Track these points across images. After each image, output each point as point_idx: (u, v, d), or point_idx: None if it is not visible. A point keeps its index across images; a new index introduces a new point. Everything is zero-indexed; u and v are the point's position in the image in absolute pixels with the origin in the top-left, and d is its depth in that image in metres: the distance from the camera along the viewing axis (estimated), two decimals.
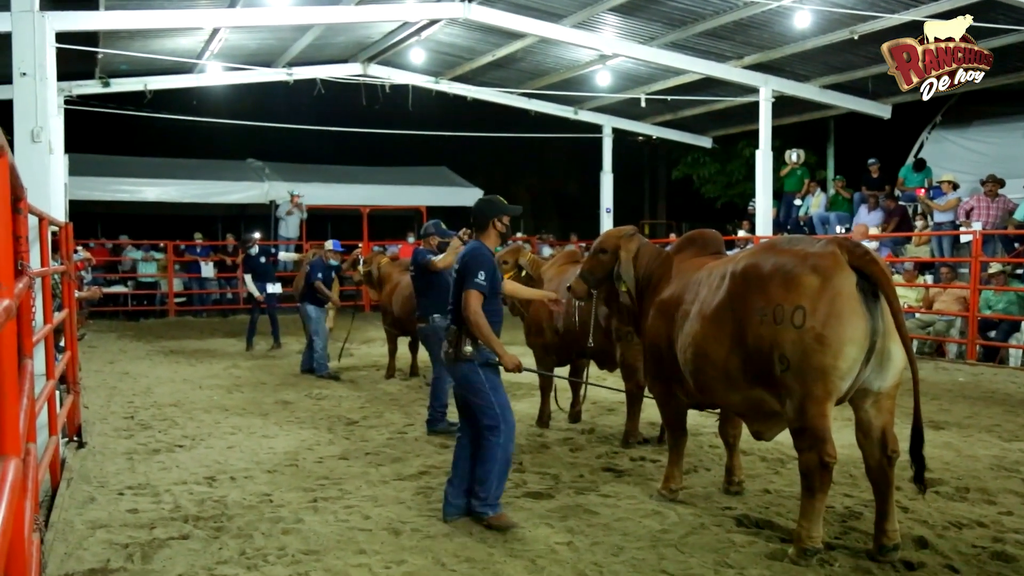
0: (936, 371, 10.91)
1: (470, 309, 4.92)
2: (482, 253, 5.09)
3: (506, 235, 5.36)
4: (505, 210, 5.26)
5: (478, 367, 5.00)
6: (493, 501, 4.96)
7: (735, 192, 22.82)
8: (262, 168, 21.42)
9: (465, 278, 5.01)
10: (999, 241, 12.79)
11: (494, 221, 5.22)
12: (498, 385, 5.06)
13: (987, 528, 4.90)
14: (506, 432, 4.98)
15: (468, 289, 4.96)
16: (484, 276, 4.96)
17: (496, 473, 4.96)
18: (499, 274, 5.20)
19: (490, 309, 5.03)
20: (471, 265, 5.01)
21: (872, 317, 4.23)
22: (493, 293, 5.08)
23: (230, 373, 11.07)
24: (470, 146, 23.36)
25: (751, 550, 4.55)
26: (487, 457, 4.98)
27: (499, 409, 4.98)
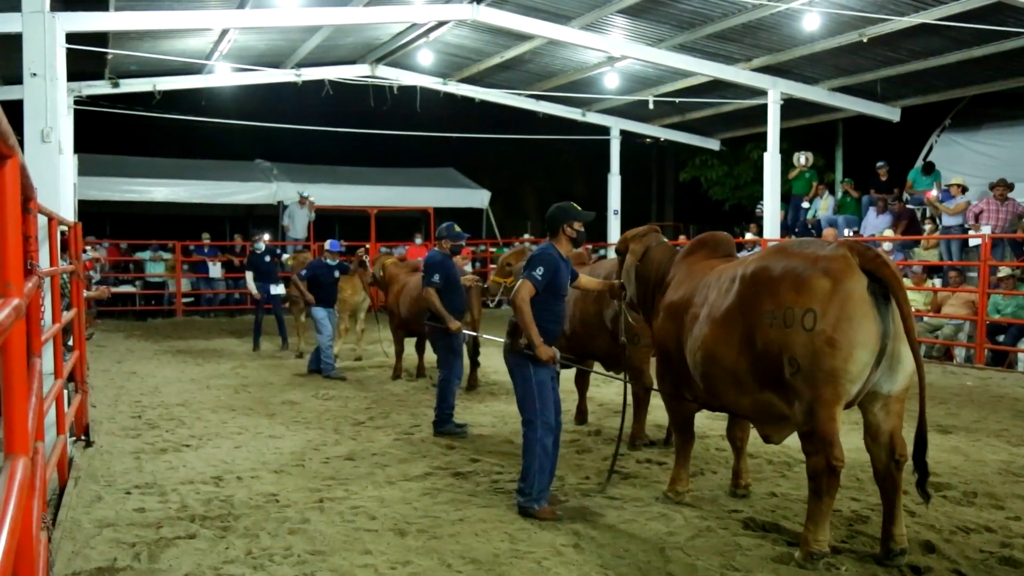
0: (944, 375, 10.87)
1: (519, 296, 5.10)
2: (549, 254, 5.25)
3: (579, 240, 5.49)
4: (576, 216, 5.41)
5: (530, 362, 5.15)
6: (537, 495, 5.08)
7: (743, 194, 22.80)
8: (270, 169, 21.47)
9: (526, 269, 5.21)
10: (1008, 245, 12.74)
11: (564, 227, 5.38)
12: (546, 382, 5.19)
13: (995, 533, 4.88)
14: (543, 428, 5.14)
15: (523, 279, 5.15)
16: (543, 272, 5.13)
17: (536, 467, 5.10)
18: (565, 277, 5.33)
19: (551, 310, 5.24)
20: (535, 260, 5.21)
21: (882, 320, 4.21)
22: (555, 294, 5.27)
23: (237, 373, 11.09)
24: (477, 148, 23.39)
25: (757, 553, 4.53)
26: (526, 451, 5.18)
27: (539, 404, 5.14)
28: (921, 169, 15.73)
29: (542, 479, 5.11)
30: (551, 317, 5.26)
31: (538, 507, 5.06)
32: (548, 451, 5.16)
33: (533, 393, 5.17)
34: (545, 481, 5.15)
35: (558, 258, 5.29)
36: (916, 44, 13.61)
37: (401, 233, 21.97)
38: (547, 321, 5.19)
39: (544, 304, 5.17)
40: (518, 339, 5.18)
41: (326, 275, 10.97)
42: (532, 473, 5.10)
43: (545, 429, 5.15)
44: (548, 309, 5.21)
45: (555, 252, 5.31)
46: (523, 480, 5.15)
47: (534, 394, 5.16)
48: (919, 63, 14.20)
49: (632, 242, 5.98)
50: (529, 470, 5.12)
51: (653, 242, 5.92)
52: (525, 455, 5.18)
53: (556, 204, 5.56)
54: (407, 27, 14.89)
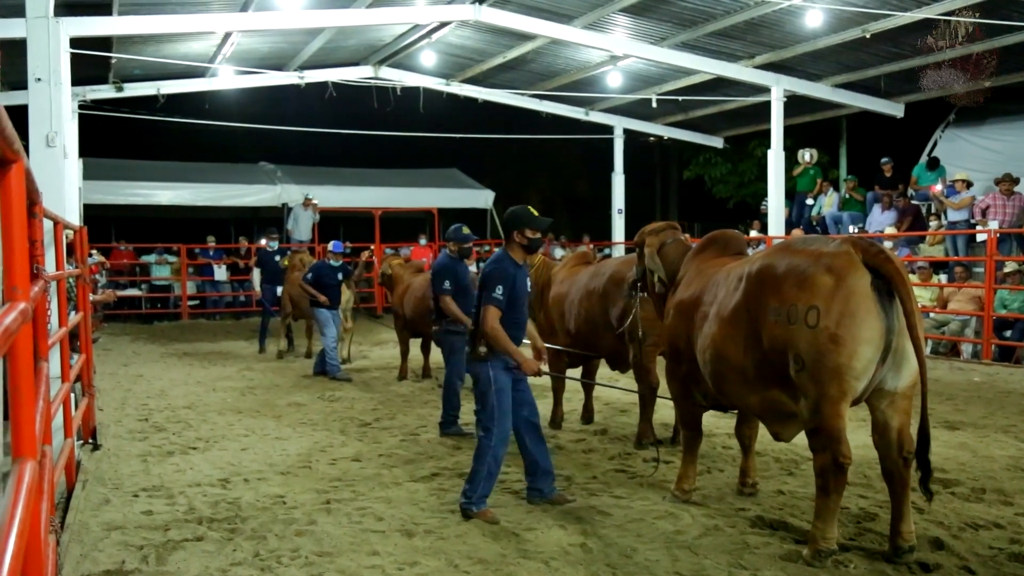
0: (951, 371, 10.84)
1: (487, 324, 5.07)
2: (503, 269, 5.19)
3: (533, 248, 5.36)
4: (529, 222, 5.28)
5: (490, 368, 5.15)
6: (478, 499, 5.10)
7: (747, 192, 22.77)
8: (274, 171, 21.49)
9: (484, 291, 5.16)
10: (1015, 240, 12.70)
11: (515, 233, 5.29)
12: (505, 389, 5.18)
13: (1004, 529, 4.86)
14: (498, 436, 5.15)
15: (486, 304, 5.12)
16: (502, 291, 5.08)
17: (484, 473, 5.11)
18: (522, 285, 5.28)
19: (513, 320, 5.19)
20: (491, 279, 5.15)
21: (887, 316, 4.20)
22: (515, 304, 5.21)
23: (243, 375, 11.10)
24: (481, 148, 23.40)
25: (765, 551, 4.53)
26: (477, 455, 5.18)
27: (498, 414, 5.14)
28: (926, 165, 15.69)
29: (487, 485, 5.14)
30: (514, 325, 5.22)
31: (477, 510, 5.08)
32: (499, 460, 5.18)
33: (493, 402, 5.15)
34: (489, 487, 5.17)
35: (512, 269, 5.22)
36: (919, 39, 13.56)
37: (405, 234, 21.98)
38: (510, 328, 5.14)
39: (505, 316, 5.14)
40: (478, 347, 5.18)
41: (329, 276, 10.97)
42: (479, 479, 5.11)
43: (500, 439, 5.16)
44: (509, 318, 5.16)
45: (508, 263, 5.24)
46: (469, 482, 5.16)
47: (494, 403, 5.15)
48: (922, 58, 14.15)
49: (649, 236, 6.03)
50: (477, 475, 5.12)
51: (669, 239, 5.95)
52: (476, 459, 5.18)
53: (511, 208, 5.42)
54: (409, 28, 14.90)
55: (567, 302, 7.47)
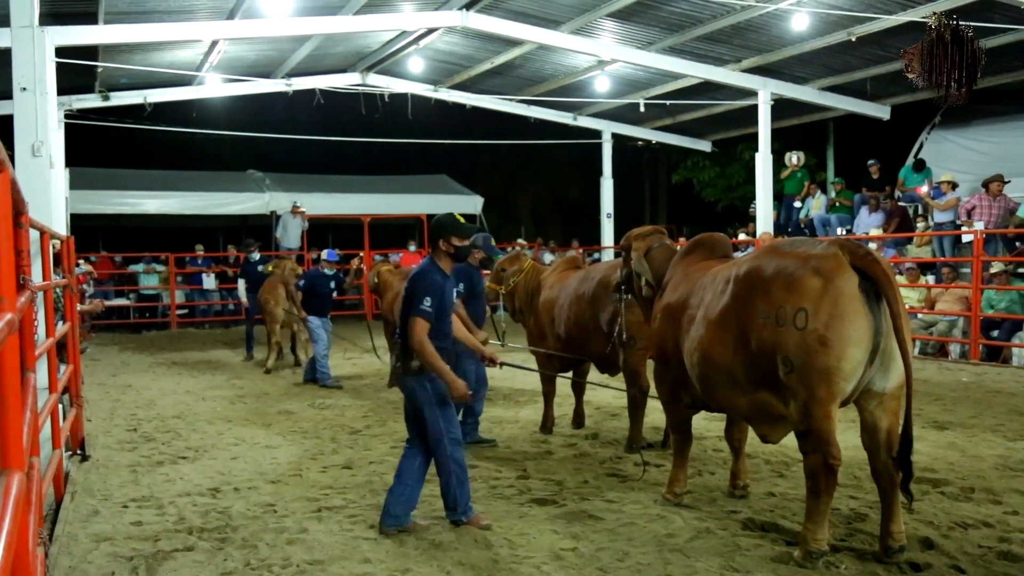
0: (940, 371, 10.89)
1: (414, 338, 4.83)
2: (430, 279, 4.96)
3: (460, 256, 5.16)
4: (455, 231, 5.05)
5: (425, 381, 4.96)
6: (463, 508, 5.01)
7: (735, 195, 22.84)
8: (262, 179, 21.45)
9: (411, 303, 4.91)
10: (1000, 240, 12.78)
11: (440, 242, 5.06)
12: (444, 398, 5.00)
13: (993, 528, 4.88)
14: (451, 443, 5.00)
15: (412, 316, 4.86)
16: (430, 302, 4.85)
17: (455, 483, 4.99)
18: (449, 295, 5.07)
19: (441, 331, 4.99)
20: (417, 289, 4.91)
21: (875, 318, 4.22)
22: (442, 315, 4.99)
23: (232, 384, 11.07)
24: (470, 154, 23.40)
25: (757, 553, 4.53)
26: (440, 470, 5.03)
27: (442, 423, 4.99)
28: (912, 166, 15.78)
29: (463, 492, 5.02)
30: (439, 336, 4.99)
31: (466, 518, 4.99)
32: (462, 464, 5.04)
33: (435, 412, 4.98)
34: (466, 493, 5.05)
35: (439, 278, 5.00)
36: (904, 42, 13.56)
37: (395, 240, 21.97)
38: (436, 339, 4.93)
39: (437, 327, 4.94)
40: (409, 361, 4.95)
41: (322, 285, 10.98)
42: (452, 489, 4.99)
43: (453, 444, 5.01)
44: (435, 329, 4.93)
45: (435, 272, 5.03)
46: (444, 498, 5.04)
47: (436, 412, 4.98)
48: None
49: (635, 240, 6.04)
50: (448, 487, 5.00)
51: (656, 243, 5.96)
52: (440, 474, 5.03)
53: (437, 216, 5.21)
54: (397, 35, 14.91)
55: (557, 307, 7.48)
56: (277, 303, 12.08)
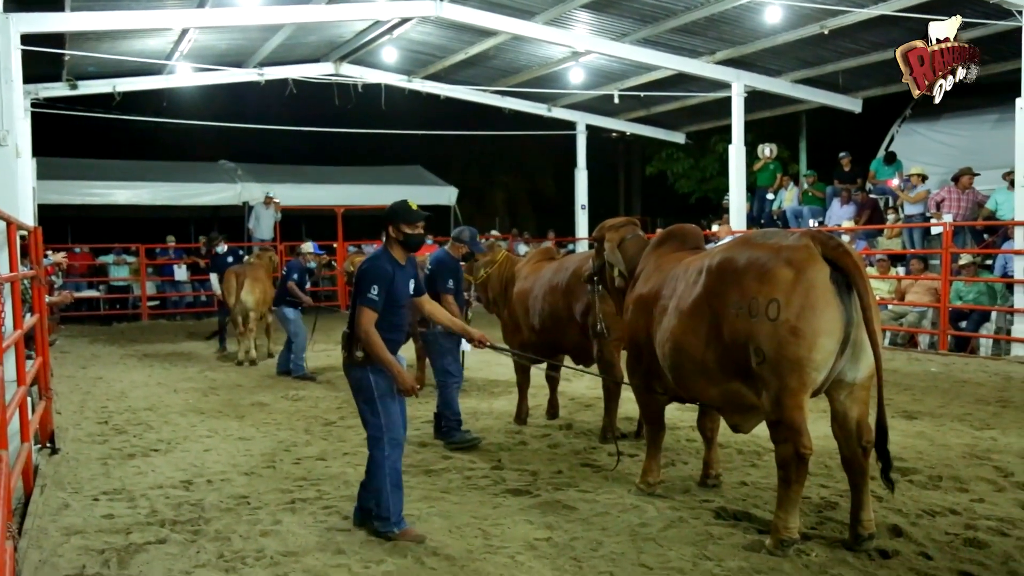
0: (909, 362, 11.03)
1: (361, 328, 4.67)
2: (379, 267, 4.78)
3: (411, 245, 4.92)
4: (405, 217, 4.85)
5: (370, 373, 4.77)
6: (396, 518, 4.74)
7: (709, 187, 22.96)
8: (234, 169, 21.23)
9: (358, 291, 4.75)
10: (969, 232, 12.95)
11: (390, 228, 4.87)
12: (389, 395, 4.80)
13: (960, 515, 4.96)
14: (391, 445, 4.78)
15: (360, 305, 4.70)
16: (377, 290, 4.69)
17: (389, 488, 4.73)
18: (401, 285, 4.88)
19: (391, 323, 4.81)
20: (365, 278, 4.74)
21: (846, 309, 4.27)
22: (394, 306, 4.81)
23: (205, 376, 10.98)
24: (444, 145, 23.34)
25: (729, 542, 4.58)
26: (375, 473, 4.78)
27: (384, 420, 4.77)
28: (883, 159, 15.93)
29: (397, 500, 4.75)
30: (390, 327, 4.80)
31: (399, 530, 4.70)
32: (398, 469, 4.81)
33: (378, 409, 4.76)
34: (400, 500, 4.78)
35: (390, 267, 4.79)
36: (876, 35, 13.79)
37: (369, 232, 21.85)
38: (386, 331, 4.75)
39: (383, 319, 4.74)
40: (355, 352, 4.76)
41: (303, 277, 11.00)
42: (386, 495, 4.71)
43: (393, 446, 4.78)
44: (385, 320, 4.74)
45: (386, 260, 4.82)
46: (377, 504, 4.74)
47: (379, 410, 4.76)
48: (879, 54, 14.37)
49: (609, 231, 6.05)
50: (382, 492, 4.72)
51: (628, 234, 5.98)
52: (374, 478, 4.77)
53: (391, 204, 4.98)
54: (370, 24, 14.82)
55: (531, 298, 7.48)
56: (251, 293, 11.91)
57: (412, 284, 5.00)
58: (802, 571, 4.17)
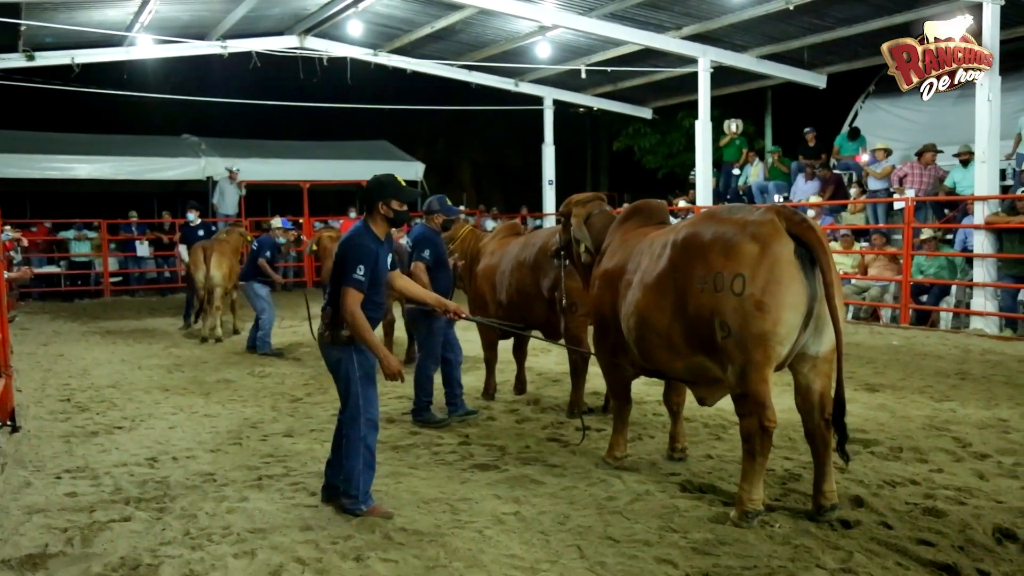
0: (871, 335, 11.20)
1: (347, 309, 4.55)
2: (363, 245, 4.65)
3: (398, 221, 4.83)
4: (395, 193, 4.74)
5: (353, 353, 4.69)
6: (364, 495, 4.73)
7: (676, 162, 23.03)
8: (198, 144, 20.92)
9: (343, 271, 4.61)
10: (930, 207, 13.13)
11: (380, 205, 4.73)
12: (370, 374, 4.76)
13: (919, 485, 5.07)
14: (367, 425, 4.75)
15: (345, 286, 4.57)
16: (364, 271, 4.57)
17: (360, 467, 4.72)
18: (383, 263, 4.78)
19: (372, 300, 4.71)
20: (350, 257, 4.61)
21: (810, 283, 4.31)
22: (375, 284, 4.72)
23: (170, 352, 10.87)
24: (411, 119, 23.16)
25: (695, 514, 4.64)
26: (349, 452, 4.74)
27: (362, 402, 4.72)
28: (847, 135, 16.07)
29: (367, 478, 4.74)
30: (370, 305, 4.70)
31: (367, 507, 4.69)
32: (372, 449, 4.78)
33: (357, 389, 4.70)
34: (370, 480, 4.77)
35: (374, 245, 4.68)
36: (841, 11, 13.86)
37: (335, 207, 21.69)
38: (366, 309, 4.65)
39: (370, 297, 4.67)
40: (339, 331, 4.67)
41: (276, 253, 10.90)
42: (357, 474, 4.69)
43: (369, 426, 4.75)
44: (368, 300, 4.66)
45: (368, 239, 4.69)
46: (347, 481, 4.72)
47: (358, 390, 4.71)
48: (844, 30, 14.46)
49: (575, 207, 6.05)
50: (353, 471, 4.70)
51: (595, 209, 5.98)
52: (348, 456, 4.73)
53: (376, 176, 4.87)
54: None
55: (498, 274, 7.47)
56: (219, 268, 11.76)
57: (389, 260, 4.94)
58: (766, 542, 4.23)
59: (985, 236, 11.37)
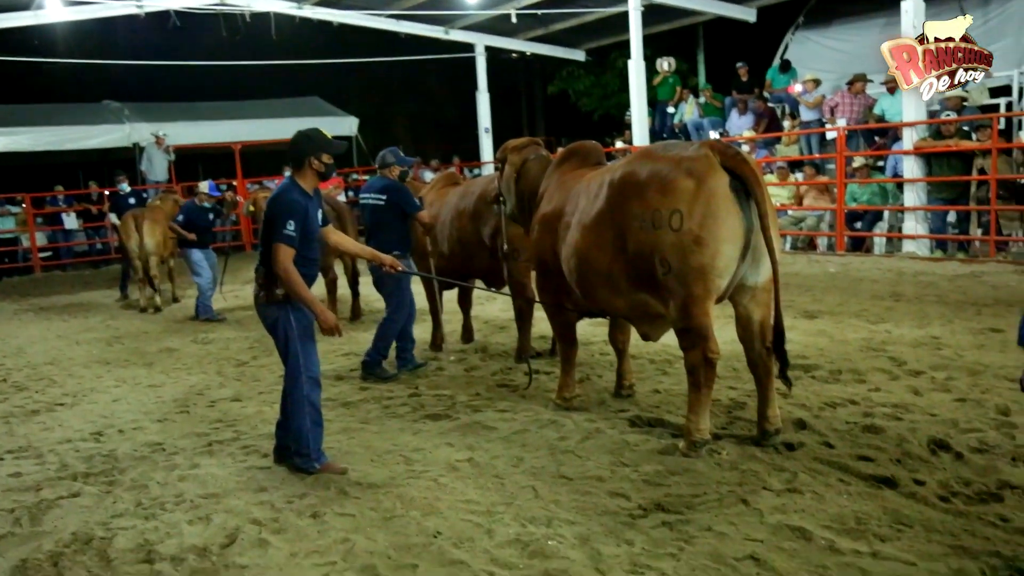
0: (809, 264, 11.44)
1: (279, 266, 4.47)
2: (293, 200, 4.57)
3: (328, 175, 4.76)
4: (325, 147, 4.68)
5: (290, 311, 4.64)
6: (316, 455, 4.71)
7: (611, 104, 22.98)
8: (120, 109, 20.20)
9: (273, 228, 4.52)
10: (861, 136, 13.35)
11: (311, 159, 4.64)
12: (308, 330, 4.71)
13: (858, 405, 5.23)
14: (309, 383, 4.71)
15: (276, 242, 4.49)
16: (294, 226, 4.49)
17: (308, 425, 4.69)
18: (314, 217, 4.70)
19: (306, 257, 4.64)
20: (280, 212, 4.52)
21: (746, 216, 4.37)
22: (308, 239, 4.64)
23: (107, 325, 10.63)
24: (342, 74, 22.71)
25: (644, 448, 4.73)
26: (295, 411, 4.71)
27: (302, 359, 4.67)
28: (778, 68, 16.18)
29: (316, 436, 4.72)
30: (305, 262, 4.63)
31: (320, 465, 4.69)
32: (317, 406, 4.75)
33: (296, 347, 4.65)
34: (320, 437, 4.75)
35: (304, 200, 4.61)
36: None
37: (269, 167, 21.24)
38: (301, 266, 4.57)
39: (303, 253, 4.59)
40: (274, 290, 4.61)
41: (201, 218, 10.63)
42: (305, 432, 4.67)
43: (311, 384, 4.71)
44: (300, 255, 4.56)
45: (297, 193, 4.61)
46: (297, 441, 4.70)
47: (297, 348, 4.65)
48: None
49: (511, 153, 6.03)
50: (301, 430, 4.67)
51: (532, 155, 5.96)
52: (294, 415, 4.70)
53: (301, 131, 4.77)
54: None
55: (438, 224, 7.42)
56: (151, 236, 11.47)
57: (320, 215, 4.85)
58: (714, 469, 4.34)
59: (914, 161, 11.63)
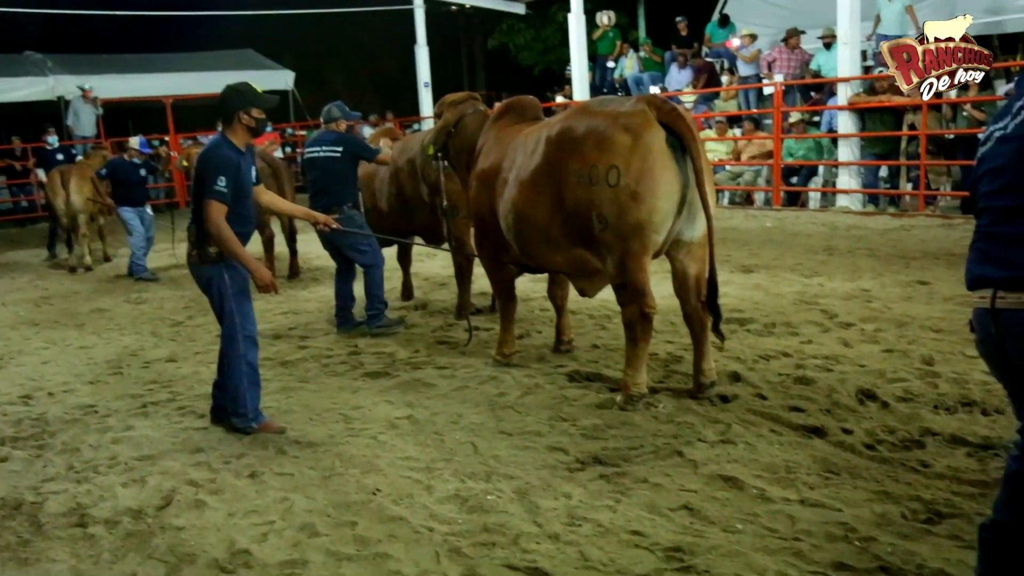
0: (747, 219, 11.60)
1: (211, 222, 4.35)
2: (223, 155, 4.45)
3: (259, 130, 4.65)
4: (255, 101, 4.54)
5: (224, 270, 4.53)
6: (254, 413, 4.66)
7: (552, 58, 22.88)
8: (43, 61, 19.42)
9: (204, 184, 4.40)
10: (798, 91, 13.50)
11: (241, 114, 4.51)
12: (243, 289, 4.62)
13: (791, 357, 5.35)
14: (246, 343, 4.63)
15: (208, 199, 4.37)
16: (225, 182, 4.37)
17: (245, 385, 4.62)
18: (247, 173, 4.59)
19: (240, 214, 4.53)
20: (210, 168, 4.40)
21: (682, 171, 4.39)
22: (242, 196, 4.54)
23: (35, 286, 10.33)
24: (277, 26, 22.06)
25: (583, 402, 4.78)
26: (230, 372, 4.63)
27: (238, 318, 4.58)
28: (717, 22, 16.22)
29: (253, 396, 4.66)
30: (239, 220, 4.52)
31: (257, 424, 4.64)
32: (254, 366, 4.69)
33: (232, 306, 4.56)
34: (257, 397, 4.70)
35: (234, 155, 4.48)
36: None
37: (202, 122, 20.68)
38: (236, 224, 4.45)
39: (230, 209, 4.43)
40: (206, 248, 4.49)
41: (130, 173, 10.33)
42: (242, 392, 4.61)
43: (248, 343, 4.63)
44: (234, 212, 4.45)
45: (228, 148, 4.49)
46: (234, 401, 4.63)
47: (232, 307, 4.56)
48: None
49: (448, 109, 5.96)
50: (238, 390, 4.60)
51: (469, 109, 5.90)
52: (230, 375, 4.62)
53: (230, 85, 4.64)
54: None
55: (377, 181, 7.34)
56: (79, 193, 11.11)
57: (253, 172, 4.74)
58: (651, 422, 4.41)
59: (849, 117, 11.81)
